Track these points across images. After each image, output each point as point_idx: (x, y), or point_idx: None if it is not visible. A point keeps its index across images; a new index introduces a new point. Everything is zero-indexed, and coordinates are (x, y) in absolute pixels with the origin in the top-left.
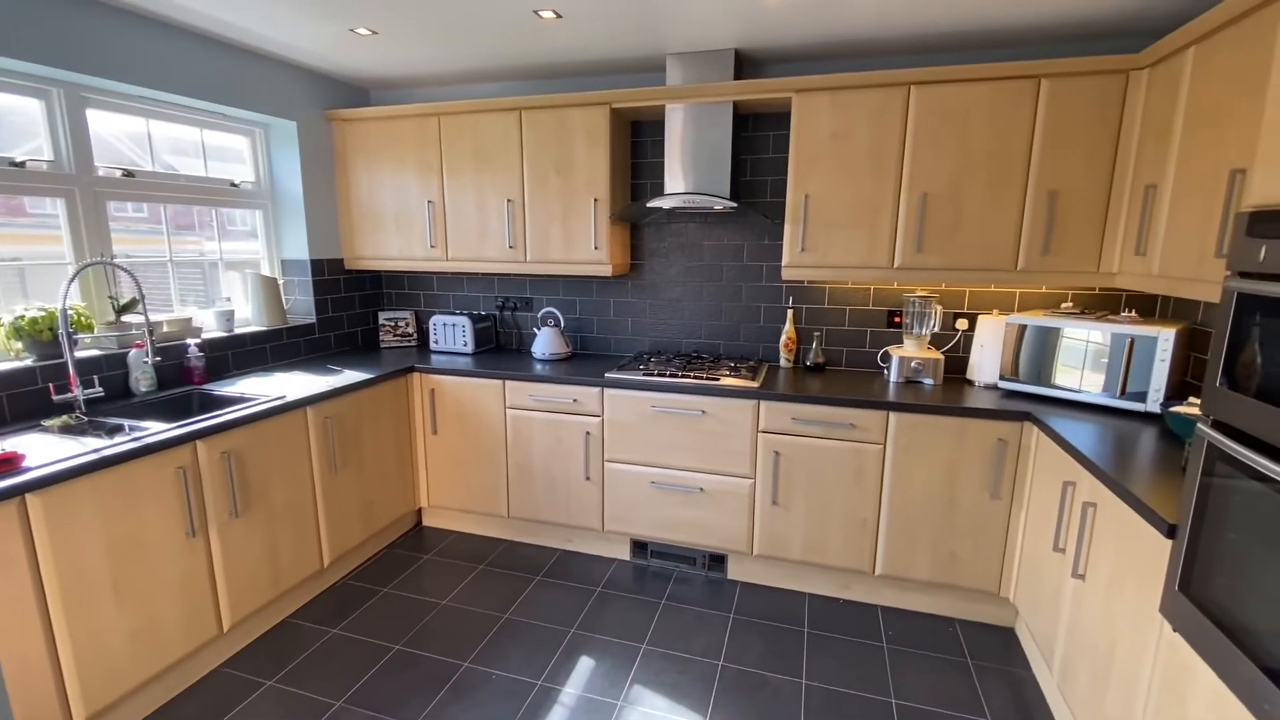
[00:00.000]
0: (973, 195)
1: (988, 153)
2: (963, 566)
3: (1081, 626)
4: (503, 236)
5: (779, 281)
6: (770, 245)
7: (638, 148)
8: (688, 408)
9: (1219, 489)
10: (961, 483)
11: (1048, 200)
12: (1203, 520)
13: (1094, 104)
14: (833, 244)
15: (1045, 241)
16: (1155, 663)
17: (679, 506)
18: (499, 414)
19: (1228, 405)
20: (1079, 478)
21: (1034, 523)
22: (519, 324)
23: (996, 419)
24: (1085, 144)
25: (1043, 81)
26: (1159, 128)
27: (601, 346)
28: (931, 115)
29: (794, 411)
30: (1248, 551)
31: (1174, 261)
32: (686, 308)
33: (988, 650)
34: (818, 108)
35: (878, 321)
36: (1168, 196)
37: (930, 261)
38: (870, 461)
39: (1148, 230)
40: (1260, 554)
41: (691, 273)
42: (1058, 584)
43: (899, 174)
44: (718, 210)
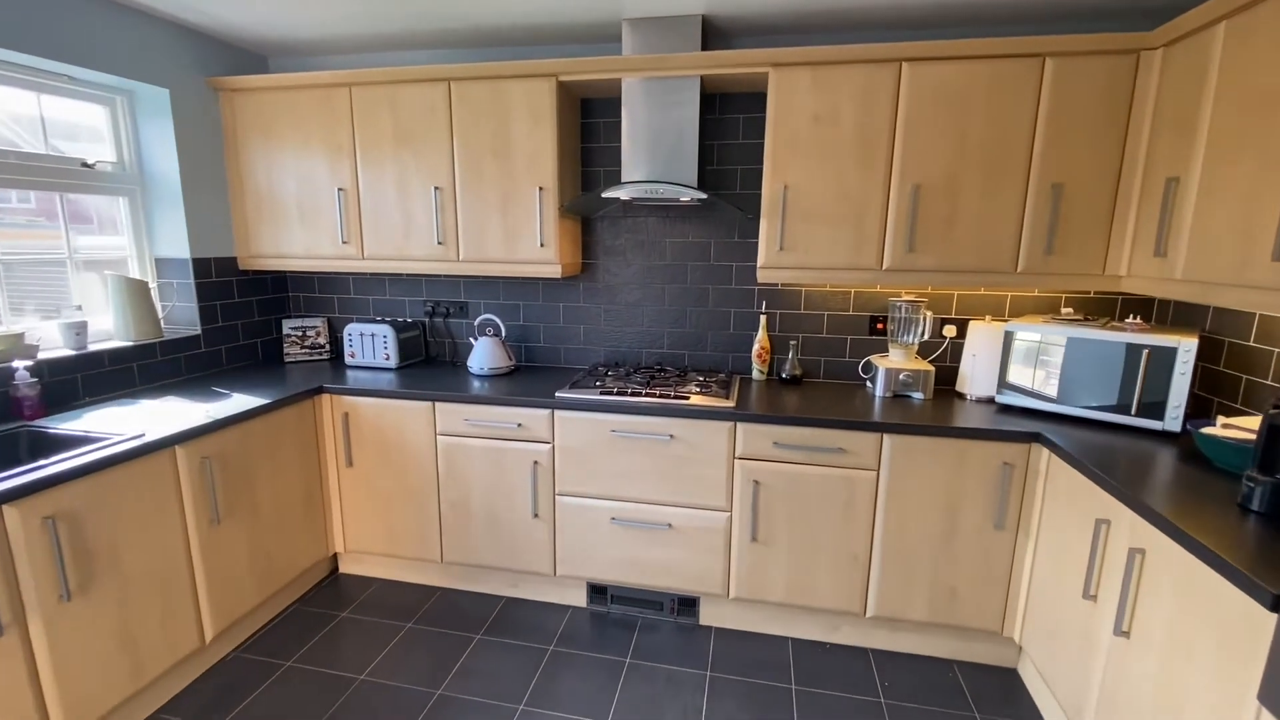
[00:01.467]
0: (970, 188)
1: (987, 140)
2: (963, 604)
3: (1126, 693)
4: (430, 231)
5: (751, 284)
6: (741, 243)
7: (589, 130)
8: (653, 431)
9: None
10: (963, 511)
11: (1051, 194)
12: None
13: (1101, 87)
14: (815, 242)
15: (1048, 240)
16: None
17: (644, 545)
18: (428, 442)
19: None
20: (1115, 515)
21: (1046, 557)
22: (452, 332)
23: (1002, 440)
24: (1092, 132)
25: (1047, 61)
26: (1180, 114)
27: (550, 358)
28: (925, 97)
29: (776, 434)
30: None
31: (1206, 265)
32: (647, 313)
33: (993, 699)
34: (798, 86)
35: (859, 328)
36: (1193, 191)
37: (923, 263)
38: (862, 490)
39: (1169, 229)
40: None
41: (652, 273)
42: (1088, 637)
43: (889, 163)
44: (683, 203)
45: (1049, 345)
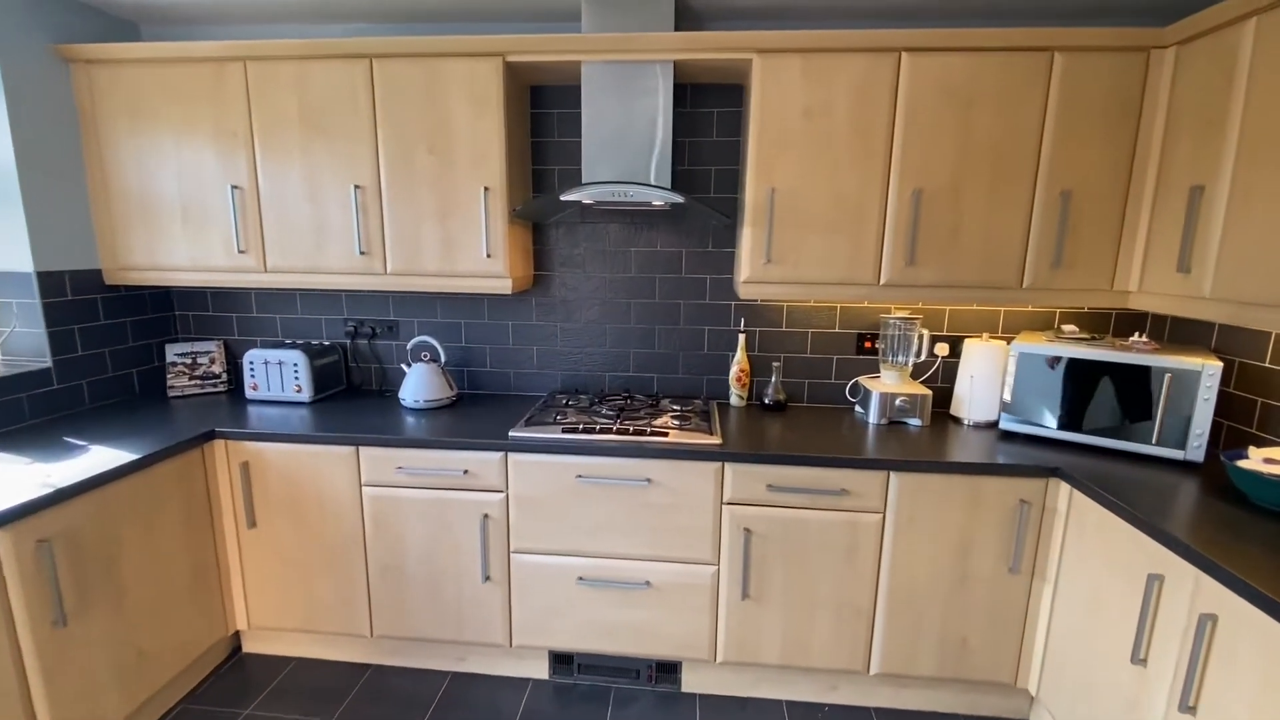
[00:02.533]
0: (975, 194)
1: (993, 141)
2: (975, 656)
3: None
4: (349, 238)
5: (727, 299)
6: (716, 254)
7: (540, 122)
8: (627, 475)
9: None
10: (975, 555)
11: (1060, 202)
12: None
13: (1110, 87)
14: (806, 253)
15: (1057, 253)
16: None
17: (617, 607)
18: (352, 495)
19: None
20: (1170, 570)
21: (1070, 605)
22: (379, 356)
23: (1019, 475)
24: (1101, 135)
25: (1055, 56)
26: (1204, 117)
27: (497, 385)
28: (927, 91)
29: (770, 476)
30: None
31: (1244, 283)
32: (610, 332)
33: None
34: (787, 76)
35: (845, 347)
36: (1223, 201)
37: (924, 277)
38: (867, 535)
39: (1194, 242)
40: None
41: (615, 287)
42: (1137, 705)
43: (887, 164)
44: (654, 208)
45: (1060, 366)
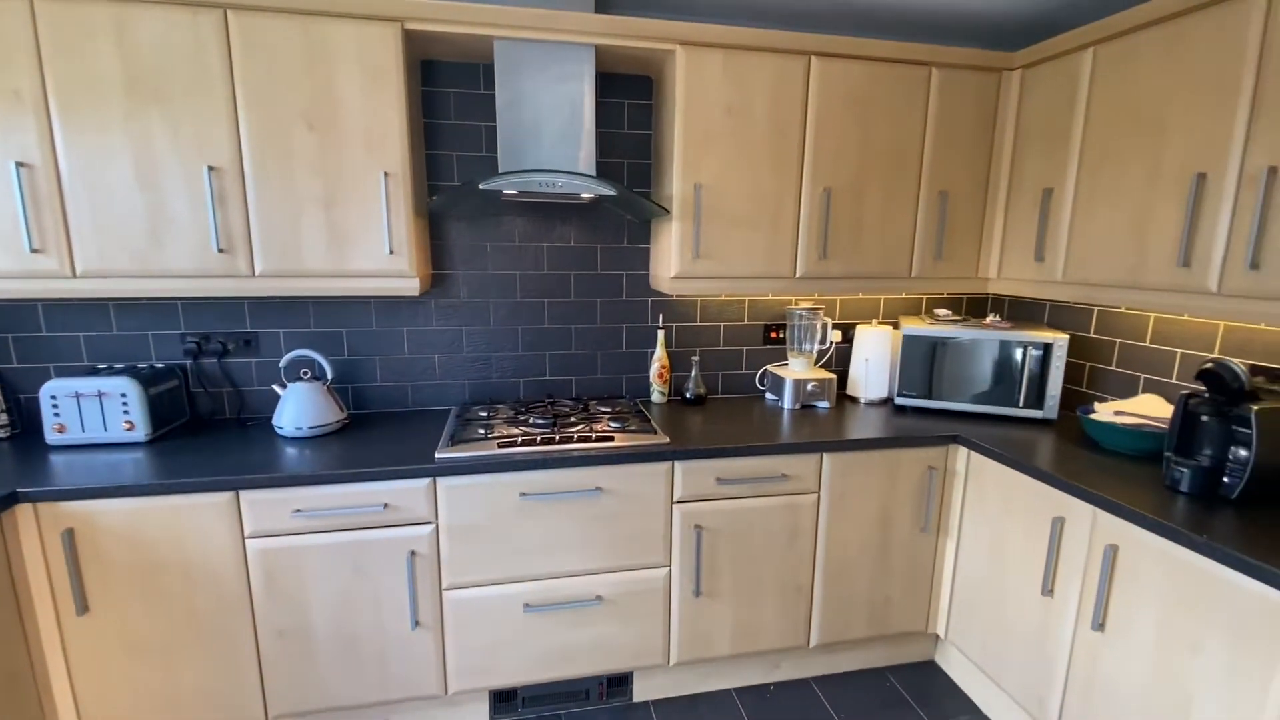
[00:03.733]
0: (874, 193)
1: (887, 144)
2: (896, 611)
3: (1109, 687)
4: (202, 232)
5: (645, 295)
6: (632, 249)
7: (434, 102)
8: (577, 487)
9: None
10: (894, 521)
11: (939, 201)
12: None
13: (974, 100)
14: (732, 249)
15: (938, 246)
16: None
17: (568, 628)
18: (232, 552)
19: None
20: (1069, 511)
21: (974, 553)
22: (234, 377)
23: (928, 445)
24: (969, 142)
25: (933, 70)
26: (1050, 130)
27: (392, 401)
28: (833, 96)
29: (719, 469)
30: None
31: (1091, 268)
32: (523, 335)
33: (930, 695)
34: (709, 71)
35: (754, 338)
36: (1069, 202)
37: (834, 269)
38: (805, 516)
39: (1046, 235)
40: None
41: (527, 286)
42: (1049, 633)
43: (800, 164)
44: (569, 201)
45: (940, 345)
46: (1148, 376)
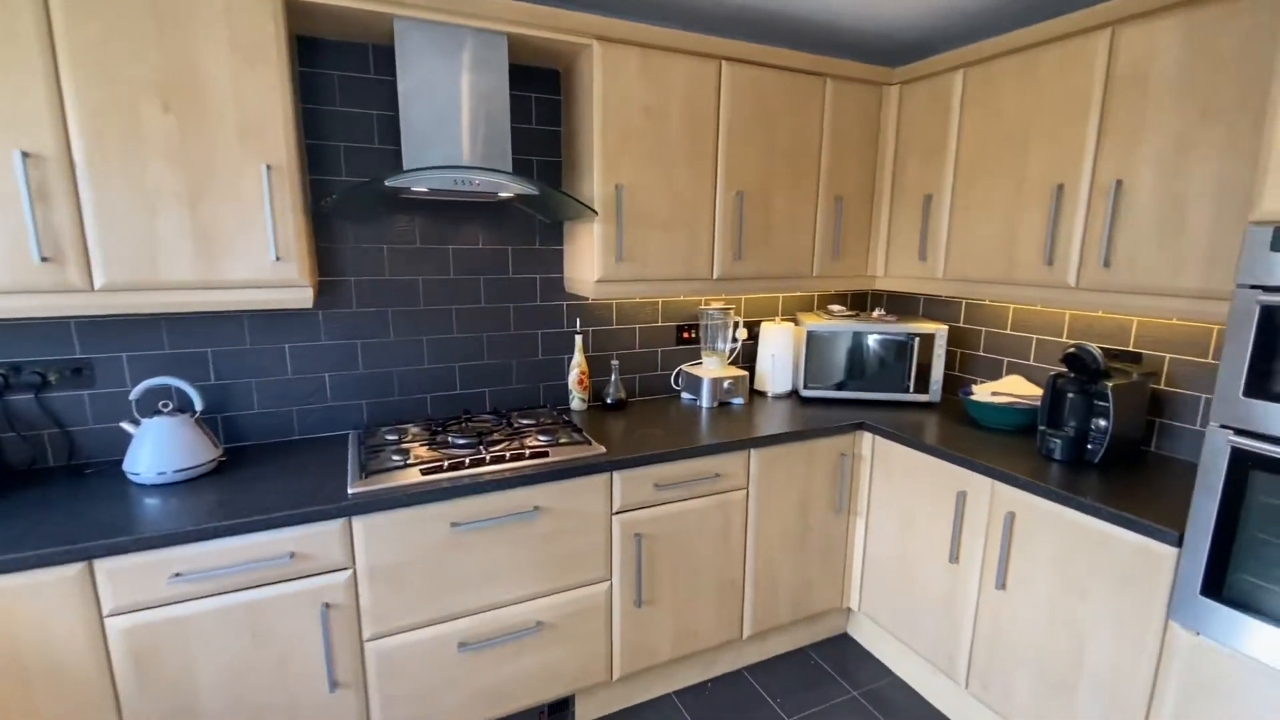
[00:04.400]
0: (781, 196)
1: (790, 150)
2: (815, 592)
3: (1012, 638)
4: (16, 235)
5: (559, 299)
6: (544, 251)
7: (314, 85)
8: (514, 509)
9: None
10: (812, 506)
11: (835, 205)
12: (1231, 522)
13: (860, 111)
14: (654, 251)
15: (835, 246)
16: (1167, 667)
17: (508, 660)
18: (86, 636)
19: (1263, 414)
20: (970, 484)
21: (883, 530)
22: (61, 416)
23: (839, 434)
24: (858, 150)
25: (827, 81)
26: (929, 143)
27: (274, 431)
28: (743, 101)
29: (657, 475)
30: None
31: (968, 266)
32: (429, 346)
33: (851, 667)
34: (627, 69)
35: (667, 339)
36: (946, 207)
37: (747, 270)
38: (736, 512)
39: (928, 237)
40: None
41: (432, 292)
42: (956, 596)
43: (714, 167)
44: (479, 200)
45: (839, 339)
46: (1010, 359)
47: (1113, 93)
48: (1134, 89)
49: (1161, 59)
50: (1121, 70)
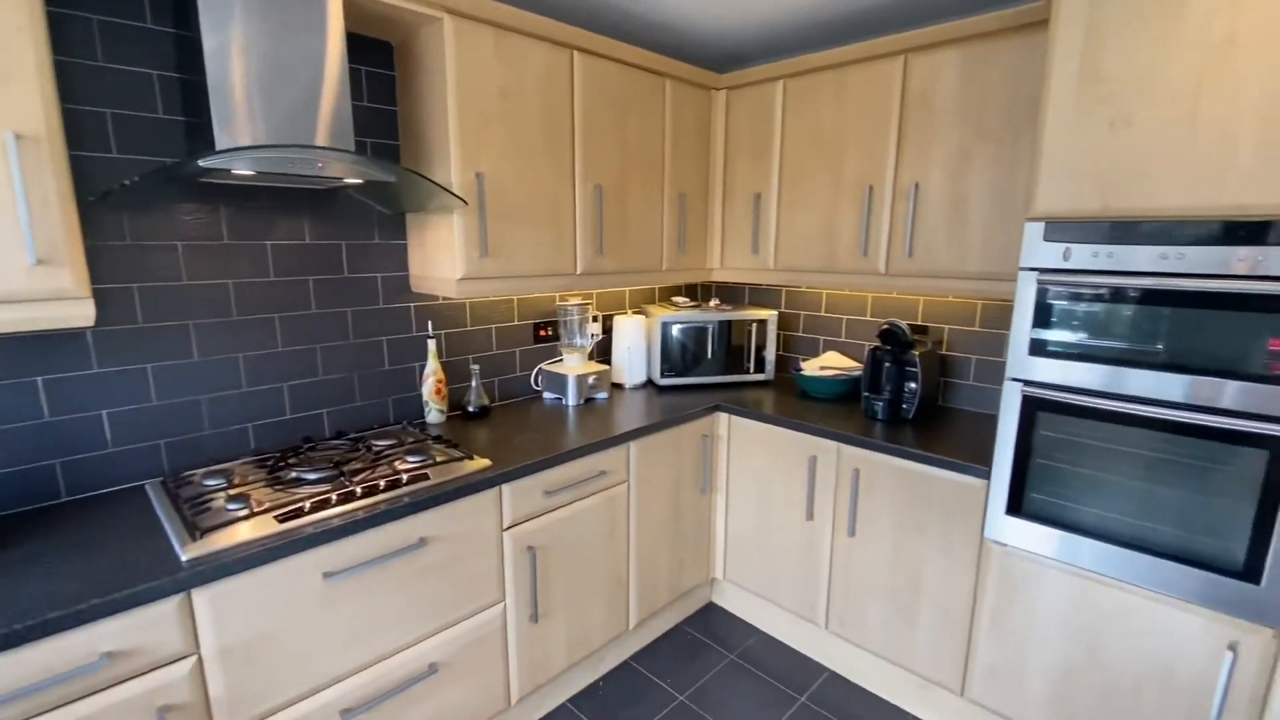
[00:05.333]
0: (634, 191)
1: (640, 147)
2: (687, 570)
3: (863, 577)
4: None
5: (406, 300)
6: (385, 247)
7: (66, 31)
8: (397, 545)
9: (1033, 427)
10: (682, 489)
11: (679, 202)
12: (1024, 454)
13: (695, 112)
14: (519, 246)
15: (681, 241)
16: (984, 578)
17: (401, 711)
18: None
19: (1043, 368)
20: (819, 450)
21: (743, 502)
22: None
23: (700, 418)
24: (695, 150)
25: (667, 81)
26: (754, 145)
27: (31, 493)
28: (595, 93)
29: (545, 481)
30: (1060, 467)
31: (797, 258)
32: (247, 365)
33: (724, 632)
34: (481, 48)
35: (524, 338)
36: (775, 205)
37: (608, 264)
38: (620, 507)
39: (759, 232)
40: (1065, 459)
41: (247, 298)
42: (813, 548)
43: (573, 159)
44: (319, 185)
45: (690, 328)
46: (826, 338)
47: (908, 110)
48: (924, 108)
49: (944, 84)
50: (914, 92)
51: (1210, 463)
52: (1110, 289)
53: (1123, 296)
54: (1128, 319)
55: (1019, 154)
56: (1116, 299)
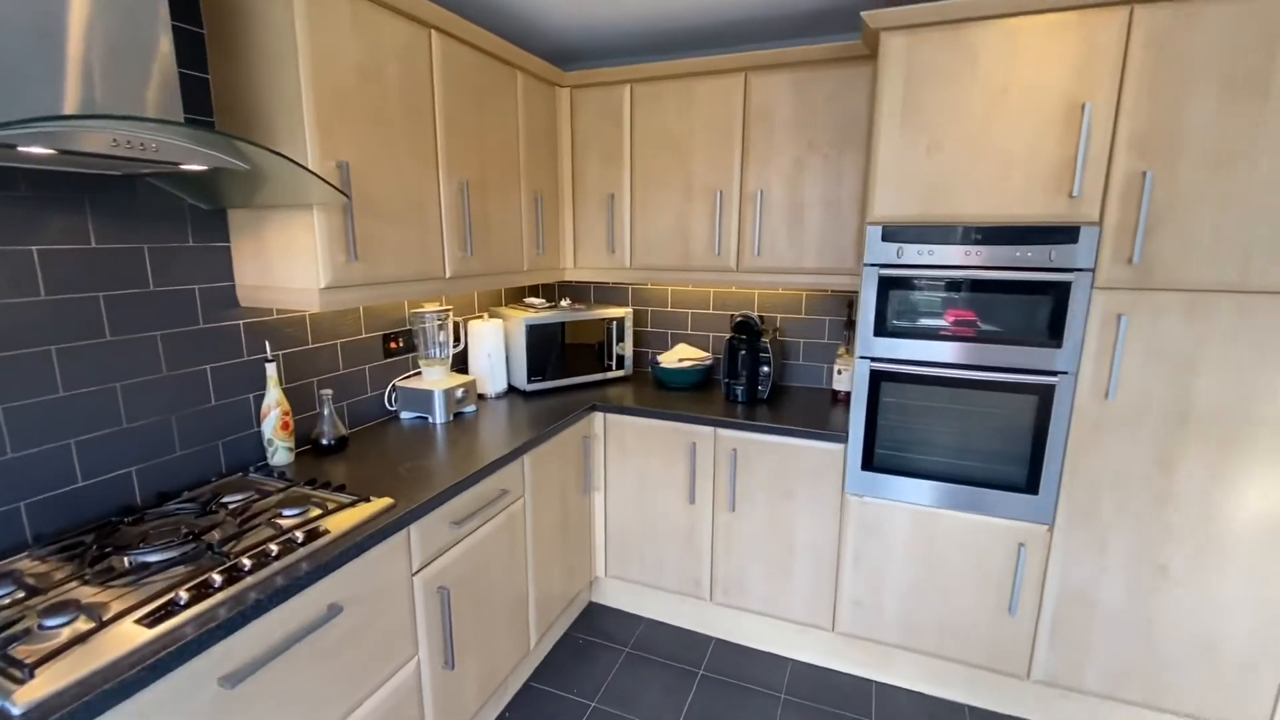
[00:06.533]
0: (495, 188)
1: (499, 142)
2: (575, 575)
3: (743, 546)
4: None
5: (234, 316)
6: (201, 251)
7: None
8: (308, 620)
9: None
10: (568, 494)
11: (535, 202)
12: (873, 418)
13: (544, 109)
14: (386, 248)
15: (539, 241)
16: (846, 527)
17: None
18: None
19: (884, 346)
20: (697, 436)
21: (623, 495)
22: None
23: (578, 419)
24: (547, 148)
25: (519, 75)
26: (605, 147)
27: None
28: (454, 80)
29: (452, 512)
30: (901, 425)
31: (653, 257)
32: (12, 420)
33: (614, 630)
34: (337, 16)
35: (373, 353)
36: (629, 206)
37: (475, 266)
38: (519, 525)
39: (615, 232)
40: (903, 419)
41: (7, 328)
42: (696, 529)
43: (436, 150)
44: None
45: (554, 330)
46: (674, 332)
47: (750, 123)
48: (764, 122)
49: (780, 102)
50: (754, 107)
51: (1003, 410)
52: (932, 280)
53: (938, 285)
54: (940, 302)
55: (844, 167)
56: (936, 287)
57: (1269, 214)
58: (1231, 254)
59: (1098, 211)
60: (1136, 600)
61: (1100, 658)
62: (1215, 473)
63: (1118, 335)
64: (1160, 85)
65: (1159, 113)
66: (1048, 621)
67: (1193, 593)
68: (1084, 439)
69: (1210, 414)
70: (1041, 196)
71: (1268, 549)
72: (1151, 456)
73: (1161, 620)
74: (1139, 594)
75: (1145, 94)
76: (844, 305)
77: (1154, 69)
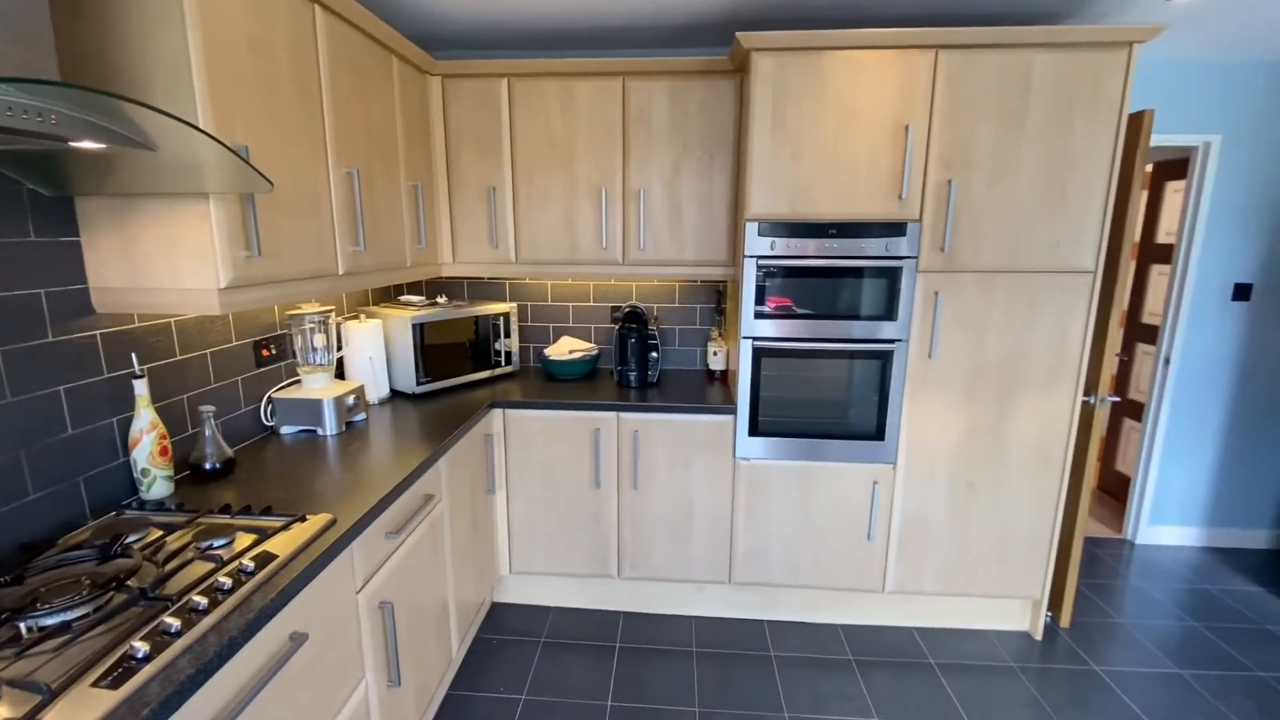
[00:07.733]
0: (381, 178)
1: (382, 130)
2: (484, 576)
3: (648, 519)
4: None
5: (89, 327)
6: (45, 247)
7: None
8: (273, 656)
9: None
10: (476, 495)
11: (414, 193)
12: (756, 389)
13: (417, 98)
14: (285, 242)
15: (420, 233)
16: (738, 488)
17: None
18: None
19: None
20: (601, 423)
21: (527, 489)
22: None
23: (480, 418)
24: (420, 138)
25: (394, 60)
26: (482, 140)
27: None
28: (338, 61)
29: (387, 522)
30: (776, 392)
31: (540, 251)
32: None
33: (525, 624)
34: None
35: (245, 363)
36: (511, 199)
37: (367, 262)
38: (441, 530)
39: (498, 226)
40: (780, 388)
41: None
42: (603, 511)
43: (324, 136)
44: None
45: (442, 329)
46: (555, 325)
47: (630, 126)
48: (643, 125)
49: (657, 107)
50: (633, 111)
51: (856, 374)
52: (798, 268)
53: (804, 273)
54: (806, 287)
55: (714, 170)
56: (801, 274)
57: (1027, 215)
58: (1005, 244)
59: (919, 211)
60: (956, 514)
61: (932, 564)
62: (1002, 408)
63: (936, 307)
64: (957, 114)
65: (957, 136)
66: (895, 541)
67: (993, 502)
68: (915, 390)
69: (996, 363)
70: (880, 199)
71: (1038, 462)
72: (961, 401)
73: (974, 526)
74: (957, 508)
75: (948, 120)
76: (714, 294)
77: (952, 101)
